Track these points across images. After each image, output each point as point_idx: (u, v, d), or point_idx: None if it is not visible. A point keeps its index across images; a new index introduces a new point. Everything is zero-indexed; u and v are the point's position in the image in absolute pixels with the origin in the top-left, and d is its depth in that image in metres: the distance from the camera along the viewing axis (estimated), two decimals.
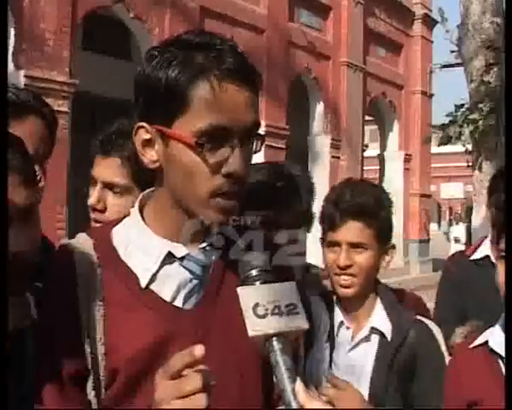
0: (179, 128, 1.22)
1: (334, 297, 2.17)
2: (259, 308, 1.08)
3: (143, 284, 1.29)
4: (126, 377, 1.25)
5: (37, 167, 1.53)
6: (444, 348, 2.06)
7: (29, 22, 9.70)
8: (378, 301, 2.12)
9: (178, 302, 1.30)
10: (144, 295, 1.29)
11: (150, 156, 1.28)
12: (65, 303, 1.28)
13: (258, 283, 1.12)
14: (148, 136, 1.27)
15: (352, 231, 2.05)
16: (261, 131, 1.29)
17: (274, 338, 1.07)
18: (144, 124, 1.27)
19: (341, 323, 2.12)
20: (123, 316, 1.27)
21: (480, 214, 6.80)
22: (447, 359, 2.00)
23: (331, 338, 2.10)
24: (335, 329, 2.12)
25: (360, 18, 17.12)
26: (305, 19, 15.50)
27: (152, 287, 1.30)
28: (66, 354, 1.26)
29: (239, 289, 1.11)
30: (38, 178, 1.42)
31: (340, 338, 2.11)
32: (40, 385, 1.26)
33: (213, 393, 1.25)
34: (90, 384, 1.27)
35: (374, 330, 2.07)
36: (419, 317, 2.10)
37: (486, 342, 1.72)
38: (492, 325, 1.75)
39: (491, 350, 1.69)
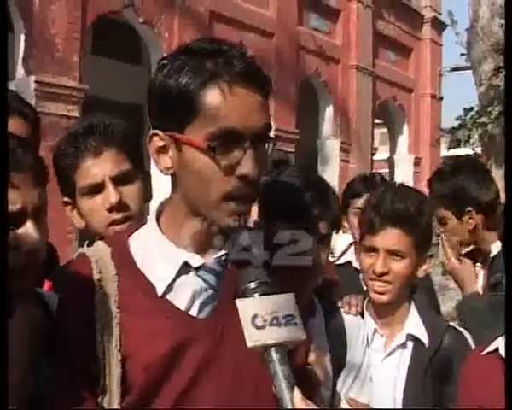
0: (191, 133, 1.24)
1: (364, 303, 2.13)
2: (258, 320, 1.11)
3: (160, 292, 1.30)
4: (142, 385, 1.26)
5: None
6: None
7: (39, 28, 9.77)
8: (412, 307, 2.09)
9: (193, 311, 1.31)
10: (160, 303, 1.30)
11: (164, 163, 1.29)
12: (81, 310, 1.30)
13: (256, 294, 1.14)
14: (161, 143, 1.28)
15: (390, 238, 2.01)
16: (270, 134, 1.30)
17: (272, 349, 1.10)
18: (158, 131, 1.29)
19: (375, 330, 2.08)
20: (138, 324, 1.28)
21: None
22: None
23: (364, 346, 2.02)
24: (369, 336, 2.05)
25: (369, 21, 17.10)
26: (314, 22, 15.50)
27: (167, 296, 1.31)
28: (79, 360, 1.28)
29: (237, 301, 1.13)
30: None
31: (373, 346, 2.06)
32: (54, 389, 1.29)
33: (228, 402, 1.27)
34: (101, 391, 1.27)
35: (409, 336, 2.04)
36: (452, 324, 2.08)
37: (497, 349, 1.72)
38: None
39: (502, 358, 1.69)
